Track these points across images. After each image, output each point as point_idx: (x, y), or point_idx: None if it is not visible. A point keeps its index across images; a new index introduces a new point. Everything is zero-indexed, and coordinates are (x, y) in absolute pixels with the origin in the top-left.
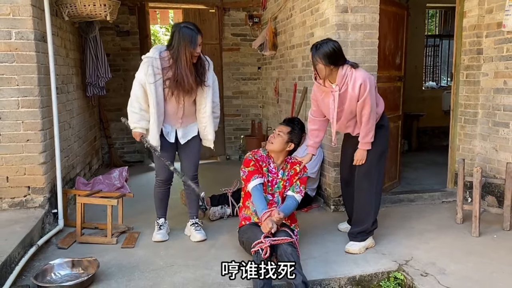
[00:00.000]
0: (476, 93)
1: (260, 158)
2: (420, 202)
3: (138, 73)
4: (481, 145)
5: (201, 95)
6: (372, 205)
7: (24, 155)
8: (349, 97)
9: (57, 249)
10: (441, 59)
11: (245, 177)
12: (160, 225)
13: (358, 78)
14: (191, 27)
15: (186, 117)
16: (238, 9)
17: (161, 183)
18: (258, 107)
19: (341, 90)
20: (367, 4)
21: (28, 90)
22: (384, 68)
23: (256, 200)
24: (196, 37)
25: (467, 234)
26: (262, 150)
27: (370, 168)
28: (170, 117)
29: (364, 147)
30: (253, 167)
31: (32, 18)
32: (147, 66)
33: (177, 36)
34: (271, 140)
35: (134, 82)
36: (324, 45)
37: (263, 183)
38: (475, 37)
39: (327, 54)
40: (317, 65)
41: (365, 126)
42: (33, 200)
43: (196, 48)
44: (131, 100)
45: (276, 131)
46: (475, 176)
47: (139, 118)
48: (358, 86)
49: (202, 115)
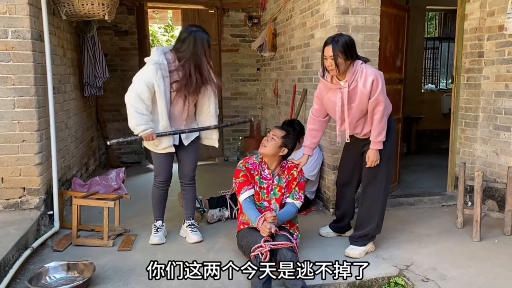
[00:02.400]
0: (477, 96)
1: (252, 166)
2: (420, 205)
3: (144, 74)
4: (482, 148)
5: (204, 94)
6: (378, 210)
7: (20, 156)
8: (359, 94)
9: (53, 251)
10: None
11: (237, 189)
12: (157, 228)
13: (369, 74)
14: (204, 31)
15: (189, 118)
16: (237, 9)
17: (161, 184)
18: (257, 109)
19: (350, 86)
20: (368, 6)
21: (25, 89)
22: (385, 70)
23: (248, 212)
24: (209, 40)
25: (468, 239)
26: (255, 157)
27: (377, 172)
28: (175, 119)
29: (377, 146)
30: (243, 178)
31: (29, 16)
32: (156, 70)
33: (192, 40)
34: (264, 143)
35: (138, 83)
36: (341, 38)
37: (254, 194)
38: (476, 40)
39: (348, 46)
40: (337, 59)
41: (378, 125)
42: (28, 201)
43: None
44: (135, 101)
45: (270, 134)
46: (477, 180)
47: (147, 119)
48: (370, 82)
49: (206, 115)
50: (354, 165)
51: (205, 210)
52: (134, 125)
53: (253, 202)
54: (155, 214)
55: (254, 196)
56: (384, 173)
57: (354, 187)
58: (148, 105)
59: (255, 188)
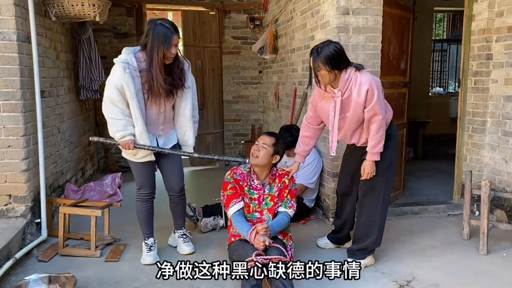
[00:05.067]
0: (485, 100)
1: (240, 177)
2: (425, 215)
3: (111, 76)
4: (490, 155)
5: (181, 97)
6: (377, 222)
7: (5, 162)
8: (354, 104)
9: (37, 262)
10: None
11: (225, 202)
12: (150, 246)
13: (363, 82)
14: (166, 25)
15: (167, 123)
16: (239, 11)
17: (146, 196)
18: (259, 112)
19: (344, 95)
20: (370, 6)
21: (10, 93)
22: (388, 73)
23: (238, 226)
24: (171, 36)
25: (474, 252)
26: (243, 167)
27: (375, 182)
28: (151, 125)
29: (373, 158)
30: (231, 191)
31: (15, 18)
32: (123, 70)
33: (151, 34)
34: (255, 154)
35: (107, 87)
36: (325, 48)
37: (243, 207)
38: (484, 42)
39: (330, 57)
40: (319, 71)
41: (375, 135)
42: (14, 209)
43: (171, 48)
44: (107, 107)
45: (259, 142)
46: (484, 190)
47: (125, 124)
48: (364, 91)
49: (182, 118)
50: (354, 173)
51: (198, 219)
52: (113, 132)
53: (243, 215)
54: (144, 231)
55: (244, 208)
56: (382, 183)
57: (355, 197)
58: (122, 109)
59: (245, 200)
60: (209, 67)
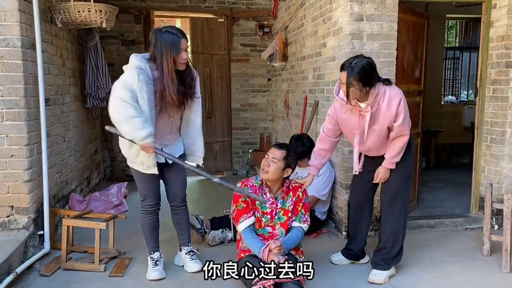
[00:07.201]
0: (504, 110)
1: (252, 190)
2: (441, 228)
3: (122, 80)
4: (510, 167)
5: (191, 107)
6: (401, 231)
7: (8, 172)
8: (383, 117)
9: (39, 276)
10: (461, 72)
11: (235, 216)
12: (155, 260)
13: (394, 96)
14: (172, 31)
15: (174, 133)
16: (248, 18)
17: (151, 208)
18: (268, 121)
19: (373, 109)
20: (384, 12)
21: (14, 101)
22: (403, 81)
23: (249, 242)
24: (178, 41)
25: (496, 269)
26: (254, 179)
27: (398, 192)
28: (159, 134)
29: (390, 166)
30: (243, 204)
31: (19, 24)
32: (138, 74)
33: (158, 43)
34: (265, 169)
35: (117, 89)
36: (359, 62)
37: (254, 222)
38: (503, 49)
39: (364, 74)
40: (351, 88)
41: (399, 145)
42: (16, 221)
43: (181, 53)
44: (118, 108)
45: (269, 156)
46: (506, 205)
47: (143, 121)
48: (395, 105)
49: (192, 129)
50: (367, 184)
51: (206, 231)
52: (129, 131)
53: (254, 230)
54: (149, 245)
55: (254, 224)
56: (404, 193)
57: (368, 209)
58: (135, 106)
59: (256, 214)
60: (218, 74)
